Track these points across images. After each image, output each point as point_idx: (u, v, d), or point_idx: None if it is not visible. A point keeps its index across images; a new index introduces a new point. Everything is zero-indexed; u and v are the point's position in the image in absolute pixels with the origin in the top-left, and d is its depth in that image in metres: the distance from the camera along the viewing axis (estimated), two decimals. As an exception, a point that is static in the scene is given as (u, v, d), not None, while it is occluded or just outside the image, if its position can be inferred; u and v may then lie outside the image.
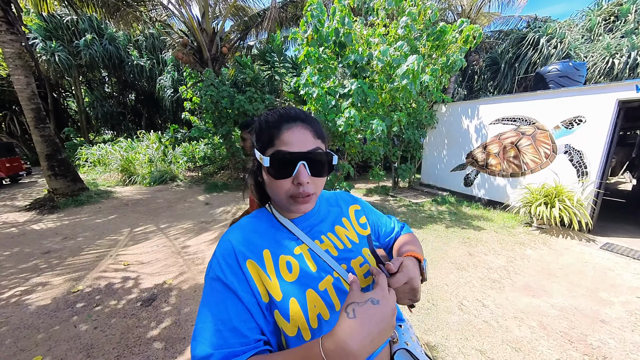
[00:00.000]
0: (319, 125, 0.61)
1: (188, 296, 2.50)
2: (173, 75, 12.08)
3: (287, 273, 0.57)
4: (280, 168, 0.55)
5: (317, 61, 4.19)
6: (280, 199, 0.59)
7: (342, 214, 0.75)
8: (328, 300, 0.57)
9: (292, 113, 0.59)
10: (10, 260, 3.25)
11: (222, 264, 0.55)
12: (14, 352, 1.87)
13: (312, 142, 0.57)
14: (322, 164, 0.58)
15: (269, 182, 0.59)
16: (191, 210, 5.33)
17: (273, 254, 0.59)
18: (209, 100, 6.42)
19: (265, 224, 0.64)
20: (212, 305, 0.52)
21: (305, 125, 0.58)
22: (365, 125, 4.12)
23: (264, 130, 0.59)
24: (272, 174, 0.56)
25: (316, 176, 0.58)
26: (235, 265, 0.55)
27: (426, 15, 4.56)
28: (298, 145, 0.55)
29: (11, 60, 5.00)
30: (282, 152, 0.55)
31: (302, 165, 0.55)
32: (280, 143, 0.55)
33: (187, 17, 7.07)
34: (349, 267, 0.64)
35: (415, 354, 0.65)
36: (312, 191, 0.58)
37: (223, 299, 0.52)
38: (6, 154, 8.06)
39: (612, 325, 2.10)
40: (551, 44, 9.08)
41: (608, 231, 4.04)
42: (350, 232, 0.72)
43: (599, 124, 3.83)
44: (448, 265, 3.05)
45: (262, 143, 0.59)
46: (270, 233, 0.63)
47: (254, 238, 0.60)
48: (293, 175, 0.55)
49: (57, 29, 11.21)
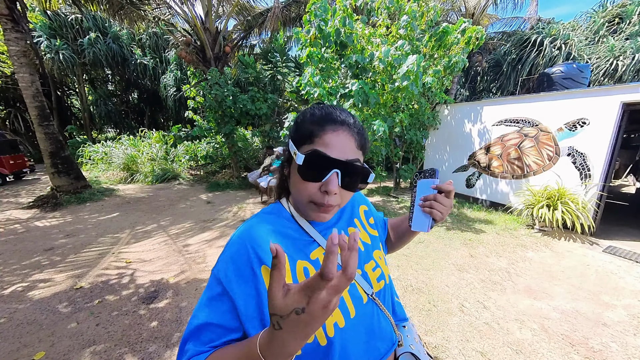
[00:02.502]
0: (364, 135, 0.57)
1: (189, 294, 2.51)
2: (176, 74, 12.14)
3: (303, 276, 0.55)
4: (312, 170, 0.51)
5: (320, 61, 4.20)
6: (300, 201, 0.56)
7: (354, 214, 0.73)
8: (344, 308, 0.55)
9: (341, 115, 0.55)
10: (14, 257, 3.27)
11: (229, 267, 0.52)
12: (17, 348, 1.88)
13: (353, 152, 0.53)
14: (356, 177, 0.53)
15: (295, 180, 0.55)
16: (193, 209, 5.34)
17: (290, 259, 0.55)
18: (212, 99, 6.44)
19: (281, 222, 0.60)
20: (205, 303, 0.52)
21: (352, 131, 0.54)
22: (367, 125, 4.12)
23: (306, 123, 0.54)
24: (302, 174, 0.52)
25: (346, 189, 0.53)
26: (246, 270, 0.52)
27: (429, 16, 4.56)
28: (338, 151, 0.51)
29: (16, 58, 5.03)
30: (319, 153, 0.50)
31: (336, 174, 0.50)
32: (320, 143, 0.51)
33: (191, 16, 7.10)
34: (364, 272, 0.63)
35: (420, 357, 0.64)
36: (337, 203, 0.54)
37: (215, 299, 0.51)
38: (10, 151, 8.13)
39: (614, 329, 2.09)
40: (555, 46, 9.04)
41: (611, 234, 4.01)
42: (362, 233, 0.70)
43: (603, 126, 3.80)
44: (449, 267, 3.04)
45: (300, 136, 0.54)
46: (286, 234, 0.59)
47: (271, 240, 0.56)
48: (323, 181, 0.51)
49: (61, 27, 11.28)
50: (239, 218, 4.75)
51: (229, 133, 7.06)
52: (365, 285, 0.61)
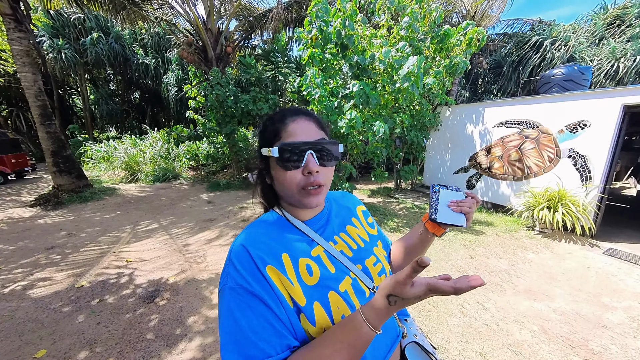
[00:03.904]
0: (320, 119, 0.64)
1: (189, 293, 2.52)
2: (177, 74, 12.18)
3: (307, 276, 0.55)
4: (289, 156, 0.55)
5: (321, 62, 4.20)
6: (292, 193, 0.58)
7: (351, 213, 0.76)
8: (349, 301, 0.57)
9: (294, 108, 0.62)
10: (15, 255, 3.29)
11: (242, 272, 0.51)
12: (19, 346, 1.89)
13: (316, 133, 0.59)
14: (328, 152, 0.58)
15: (279, 177, 0.58)
16: (193, 208, 5.35)
17: (292, 258, 0.56)
18: (214, 99, 6.46)
19: (277, 226, 0.62)
20: (239, 317, 0.48)
21: (308, 117, 0.61)
22: (367, 126, 4.12)
23: (268, 127, 0.61)
24: (282, 164, 0.56)
25: (324, 165, 0.58)
26: (257, 272, 0.51)
27: (431, 18, 4.56)
28: (304, 136, 0.57)
29: (19, 58, 5.06)
30: (289, 142, 0.56)
31: (310, 154, 0.56)
32: (287, 135, 0.57)
33: (193, 16, 7.13)
34: (364, 267, 0.65)
35: (424, 345, 0.68)
36: (323, 181, 0.58)
37: (251, 308, 0.48)
38: (12, 150, 8.16)
39: (614, 331, 2.09)
40: (555, 47, 9.04)
41: (611, 236, 4.01)
42: (361, 230, 0.73)
43: (604, 128, 3.80)
44: (449, 268, 3.04)
45: (268, 139, 0.60)
46: (284, 236, 0.60)
47: (270, 242, 0.57)
48: (302, 165, 0.56)
49: (64, 27, 11.34)
50: (240, 218, 4.75)
51: (230, 133, 7.08)
52: (367, 280, 0.63)
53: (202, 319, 2.19)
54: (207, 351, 1.87)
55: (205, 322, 2.15)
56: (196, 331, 2.05)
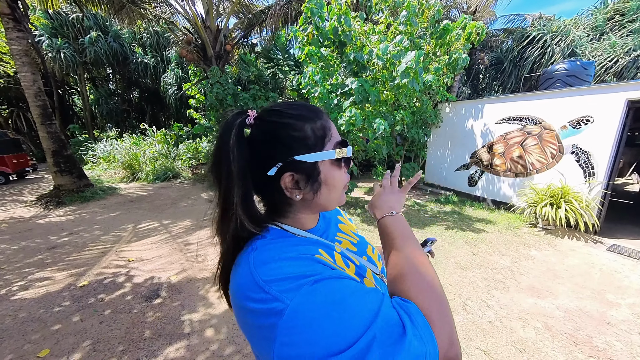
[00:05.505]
0: None
1: (190, 292, 2.52)
2: (177, 73, 12.15)
3: (346, 267, 0.53)
4: (348, 157, 0.53)
5: (319, 60, 4.16)
6: (339, 194, 0.55)
7: (337, 211, 0.77)
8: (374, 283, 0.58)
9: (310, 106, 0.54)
10: (17, 255, 3.29)
11: (303, 269, 0.42)
12: (22, 345, 1.90)
13: None
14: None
15: (332, 179, 0.51)
16: (194, 207, 5.35)
17: (328, 253, 0.51)
18: (213, 97, 6.44)
19: (289, 240, 0.51)
20: (339, 297, 0.37)
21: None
22: (367, 124, 4.10)
23: (308, 130, 0.49)
24: (341, 166, 0.53)
25: None
26: (316, 263, 0.44)
27: (430, 13, 4.51)
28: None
29: (18, 58, 5.04)
30: (343, 140, 0.53)
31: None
32: (335, 133, 0.53)
33: (191, 14, 7.09)
34: (369, 257, 0.66)
35: None
36: None
37: (344, 285, 0.40)
38: (13, 150, 8.17)
39: (618, 328, 2.08)
40: (556, 42, 8.96)
41: (615, 233, 3.99)
42: (350, 225, 0.75)
43: (607, 124, 3.77)
44: (452, 265, 3.03)
45: (312, 144, 0.49)
46: (303, 245, 0.50)
47: (298, 248, 0.48)
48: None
49: (62, 26, 11.30)
50: (241, 216, 4.75)
51: (230, 132, 7.06)
52: (374, 268, 0.64)
53: (204, 317, 2.19)
54: (210, 349, 1.87)
55: (207, 321, 2.15)
56: (198, 330, 2.05)
